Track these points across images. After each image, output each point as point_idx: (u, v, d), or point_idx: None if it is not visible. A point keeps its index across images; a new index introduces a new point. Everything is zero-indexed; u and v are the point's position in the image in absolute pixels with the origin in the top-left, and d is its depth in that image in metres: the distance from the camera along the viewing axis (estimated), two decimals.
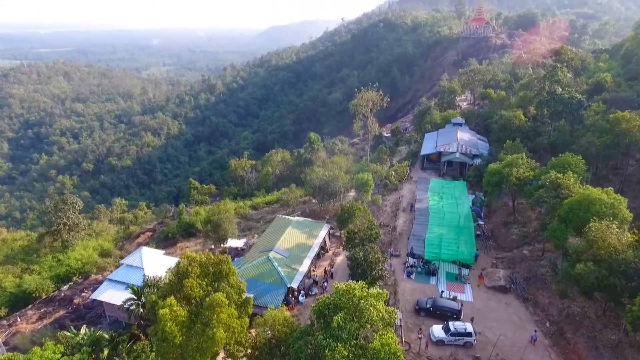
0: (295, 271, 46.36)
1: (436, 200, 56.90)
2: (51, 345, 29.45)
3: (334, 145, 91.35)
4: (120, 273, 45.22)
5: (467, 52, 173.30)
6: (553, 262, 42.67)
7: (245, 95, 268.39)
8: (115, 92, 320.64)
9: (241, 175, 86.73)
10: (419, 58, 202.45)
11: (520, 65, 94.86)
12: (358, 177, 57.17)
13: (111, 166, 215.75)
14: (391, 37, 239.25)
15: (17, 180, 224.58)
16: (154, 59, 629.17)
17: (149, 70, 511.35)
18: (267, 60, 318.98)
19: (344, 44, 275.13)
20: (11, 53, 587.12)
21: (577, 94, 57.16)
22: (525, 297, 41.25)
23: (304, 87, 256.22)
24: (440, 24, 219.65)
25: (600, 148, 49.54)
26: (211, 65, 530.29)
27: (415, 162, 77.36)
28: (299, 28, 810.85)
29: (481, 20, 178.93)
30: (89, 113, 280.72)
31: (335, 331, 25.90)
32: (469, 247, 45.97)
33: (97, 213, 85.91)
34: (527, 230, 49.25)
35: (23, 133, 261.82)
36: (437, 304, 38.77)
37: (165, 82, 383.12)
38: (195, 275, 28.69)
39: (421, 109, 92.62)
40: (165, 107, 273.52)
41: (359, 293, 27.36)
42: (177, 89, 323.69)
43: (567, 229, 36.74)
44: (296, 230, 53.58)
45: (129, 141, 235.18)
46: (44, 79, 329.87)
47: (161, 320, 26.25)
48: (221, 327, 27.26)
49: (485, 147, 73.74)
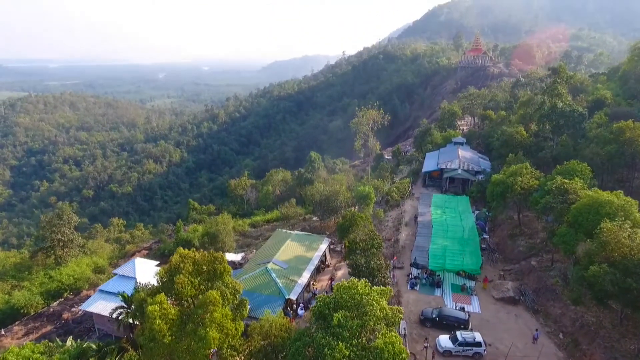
0: (294, 283, 44.53)
1: (439, 214, 55.59)
2: (30, 344, 27.60)
3: (334, 165, 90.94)
4: (112, 284, 43.40)
5: (465, 80, 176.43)
6: (563, 272, 40.92)
7: (247, 124, 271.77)
8: (119, 121, 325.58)
9: (241, 194, 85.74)
10: (419, 87, 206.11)
11: (519, 86, 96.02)
12: (359, 189, 56.23)
13: (111, 193, 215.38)
14: (391, 67, 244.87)
15: (17, 207, 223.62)
16: (159, 91, 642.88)
17: (153, 102, 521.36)
18: (270, 91, 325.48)
19: (345, 75, 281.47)
20: (20, 86, 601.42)
21: (578, 107, 57.13)
22: (535, 309, 39.21)
23: (306, 116, 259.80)
24: (438, 55, 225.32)
25: (605, 158, 48.76)
26: (214, 97, 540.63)
27: (416, 180, 76.50)
28: (300, 63, 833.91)
29: (478, 50, 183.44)
30: (92, 141, 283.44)
31: (336, 329, 24.22)
32: (474, 257, 44.33)
33: (94, 232, 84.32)
34: (534, 241, 47.67)
35: (26, 161, 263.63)
36: (443, 314, 36.76)
37: (169, 113, 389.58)
38: (187, 272, 27.21)
39: (422, 130, 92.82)
40: (167, 136, 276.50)
41: (361, 290, 25.86)
42: (181, 119, 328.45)
43: (576, 233, 35.37)
44: (295, 243, 52.05)
45: (130, 168, 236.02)
46: (50, 108, 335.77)
47: (149, 317, 24.60)
48: (214, 327, 25.56)
49: (487, 165, 73.15)
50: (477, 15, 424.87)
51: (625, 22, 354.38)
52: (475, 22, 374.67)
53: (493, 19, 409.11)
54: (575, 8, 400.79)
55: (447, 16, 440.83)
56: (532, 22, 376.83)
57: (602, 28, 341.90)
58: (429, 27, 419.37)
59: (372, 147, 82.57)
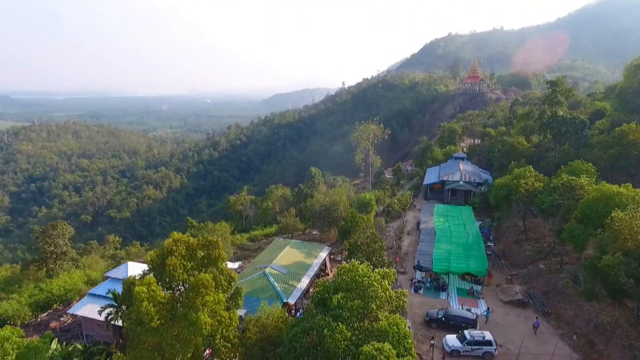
0: (293, 287, 42.75)
1: (442, 222, 54.30)
2: (9, 327, 25.89)
3: (335, 181, 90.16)
4: (103, 287, 41.60)
5: (463, 106, 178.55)
6: (573, 273, 39.26)
7: (248, 151, 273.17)
8: (121, 149, 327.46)
9: (240, 210, 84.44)
10: (418, 113, 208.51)
11: (518, 105, 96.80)
12: (360, 196, 55.17)
13: (110, 218, 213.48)
14: (390, 95, 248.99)
15: (13, 233, 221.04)
16: (161, 122, 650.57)
17: (156, 132, 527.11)
18: (271, 119, 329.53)
19: (345, 103, 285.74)
20: (24, 116, 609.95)
21: (579, 115, 57.02)
22: (545, 311, 37.32)
23: (306, 143, 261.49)
24: (436, 82, 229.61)
25: (609, 162, 48.04)
26: (216, 128, 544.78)
27: (418, 193, 75.50)
28: (301, 95, 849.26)
29: (476, 77, 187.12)
30: (93, 168, 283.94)
31: (336, 311, 22.69)
32: (480, 260, 42.72)
33: (89, 249, 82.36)
34: (541, 245, 46.18)
35: (26, 187, 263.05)
36: (450, 314, 34.91)
37: (171, 141, 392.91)
38: (180, 255, 25.86)
39: (422, 147, 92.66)
40: (168, 163, 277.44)
41: (362, 271, 24.46)
42: (182, 147, 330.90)
43: (586, 228, 34.12)
44: (295, 250, 50.51)
45: (130, 194, 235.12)
46: (53, 136, 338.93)
47: (136, 299, 23.06)
48: (206, 311, 23.96)
49: (488, 177, 72.42)
50: (473, 49, 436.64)
51: (618, 55, 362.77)
52: (472, 55, 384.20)
53: (489, 52, 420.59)
54: (568, 40, 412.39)
55: (444, 49, 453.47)
56: (526, 54, 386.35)
57: (595, 60, 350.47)
58: (426, 60, 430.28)
59: (373, 161, 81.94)
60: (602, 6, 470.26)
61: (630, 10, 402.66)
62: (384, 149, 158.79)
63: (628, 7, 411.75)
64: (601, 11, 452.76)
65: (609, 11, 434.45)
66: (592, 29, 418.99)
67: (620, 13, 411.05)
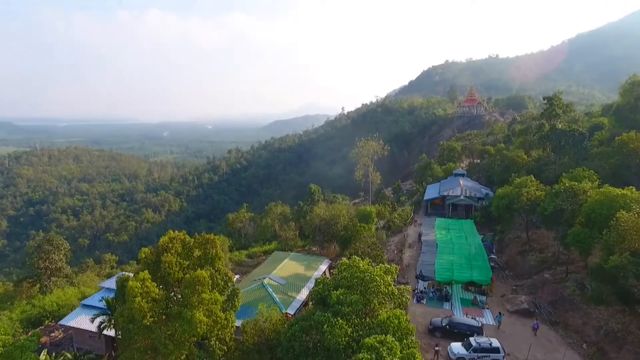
0: (292, 298, 41.50)
1: (443, 234, 53.48)
2: None
3: (335, 198, 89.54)
4: (97, 297, 40.38)
5: (462, 128, 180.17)
6: (580, 281, 38.25)
7: (248, 175, 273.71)
8: (121, 173, 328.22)
9: (238, 228, 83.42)
10: (417, 136, 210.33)
11: (516, 123, 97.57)
12: (361, 208, 54.56)
13: (107, 242, 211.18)
14: (389, 119, 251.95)
15: (9, 257, 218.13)
16: (162, 148, 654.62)
17: (156, 157, 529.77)
18: (271, 144, 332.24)
19: (344, 127, 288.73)
20: (27, 142, 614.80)
21: (578, 127, 57.26)
22: (553, 321, 36.10)
23: (306, 166, 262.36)
24: (434, 106, 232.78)
25: (610, 172, 47.79)
26: (217, 153, 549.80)
27: (418, 209, 74.90)
28: (301, 122, 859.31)
29: (473, 100, 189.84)
30: (93, 192, 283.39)
31: (336, 307, 21.85)
32: (483, 270, 41.74)
33: (85, 267, 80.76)
34: (545, 255, 45.27)
35: (24, 211, 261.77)
36: (454, 322, 33.73)
37: (171, 166, 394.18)
38: (175, 253, 25.16)
39: (421, 165, 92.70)
40: (168, 186, 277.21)
41: (363, 267, 23.73)
42: (182, 171, 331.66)
43: (591, 231, 33.48)
44: (294, 262, 49.49)
45: (128, 217, 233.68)
46: (54, 161, 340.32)
47: (129, 295, 22.22)
48: (202, 310, 23.09)
49: (489, 192, 71.99)
50: (469, 76, 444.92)
51: (611, 81, 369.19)
52: (468, 81, 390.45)
53: (485, 78, 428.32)
54: (562, 68, 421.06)
55: (441, 76, 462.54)
56: (522, 80, 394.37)
57: (589, 85, 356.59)
58: (424, 86, 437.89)
59: (373, 178, 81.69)
60: (594, 35, 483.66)
61: (621, 39, 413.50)
62: (384, 171, 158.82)
63: (619, 36, 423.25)
64: (593, 40, 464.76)
65: (601, 40, 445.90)
66: (585, 56, 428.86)
67: (612, 42, 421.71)
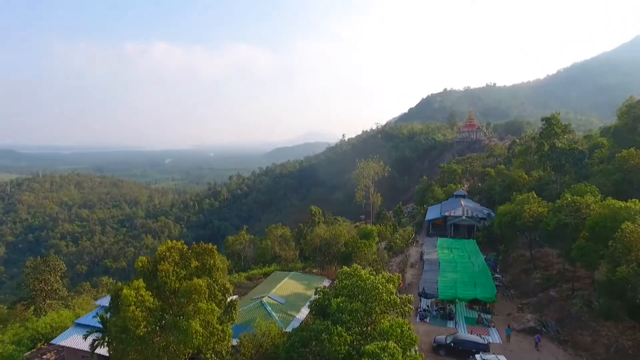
0: (292, 317, 40.38)
1: (446, 253, 52.69)
2: None
3: (335, 220, 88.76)
4: (91, 315, 39.32)
5: (462, 153, 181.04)
6: (587, 298, 37.23)
7: (248, 200, 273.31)
8: (122, 199, 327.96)
9: (238, 250, 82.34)
10: (417, 161, 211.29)
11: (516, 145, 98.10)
12: (362, 227, 53.97)
13: (105, 268, 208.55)
14: (389, 144, 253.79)
15: (5, 284, 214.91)
16: (164, 175, 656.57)
17: (158, 184, 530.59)
18: (272, 170, 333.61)
19: (345, 153, 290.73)
20: (30, 169, 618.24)
21: (577, 146, 57.45)
22: (561, 339, 34.89)
23: (307, 192, 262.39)
24: (434, 132, 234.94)
25: (612, 189, 47.51)
26: (218, 180, 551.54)
27: (420, 230, 74.17)
28: (302, 149, 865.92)
29: (473, 126, 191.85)
30: (93, 218, 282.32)
31: (336, 315, 21.18)
32: (488, 287, 40.79)
33: (81, 290, 79.16)
34: (550, 273, 44.35)
35: (23, 237, 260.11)
36: (459, 339, 32.60)
37: (172, 192, 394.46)
38: (172, 261, 24.67)
39: (422, 187, 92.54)
40: (169, 212, 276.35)
41: (365, 275, 23.17)
42: (183, 197, 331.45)
43: (595, 244, 32.91)
44: (294, 281, 48.56)
45: (127, 243, 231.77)
46: (56, 187, 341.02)
47: (123, 303, 21.62)
48: (198, 320, 22.40)
49: (491, 212, 71.50)
50: (468, 103, 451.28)
51: (607, 108, 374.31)
52: (467, 109, 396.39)
53: (483, 106, 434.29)
54: (558, 96, 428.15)
55: (440, 104, 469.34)
56: (519, 108, 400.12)
57: (586, 113, 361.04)
58: (423, 113, 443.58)
59: (374, 200, 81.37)
60: (589, 65, 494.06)
61: (616, 68, 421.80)
62: (385, 195, 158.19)
63: (614, 65, 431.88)
64: (588, 69, 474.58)
65: (596, 69, 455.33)
66: (580, 85, 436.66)
67: (606, 71, 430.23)
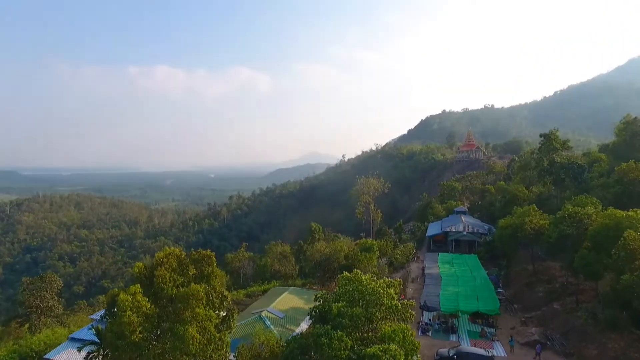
0: (291, 332, 39.49)
1: (447, 268, 52.05)
2: None
3: (335, 237, 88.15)
4: (86, 329, 38.56)
5: (461, 172, 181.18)
6: (591, 310, 36.56)
7: (248, 220, 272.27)
8: (122, 219, 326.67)
9: (237, 267, 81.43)
10: (417, 181, 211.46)
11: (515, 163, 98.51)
12: (362, 241, 53.59)
13: (103, 289, 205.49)
14: (389, 164, 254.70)
15: (1, 306, 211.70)
16: (164, 196, 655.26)
17: (158, 205, 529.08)
18: (272, 190, 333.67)
19: (345, 172, 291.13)
20: (30, 190, 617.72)
21: (576, 160, 57.62)
22: (566, 352, 34.06)
23: (307, 211, 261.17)
24: (434, 152, 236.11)
25: (613, 201, 47.41)
26: (219, 201, 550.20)
27: (421, 246, 73.57)
28: (303, 170, 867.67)
29: (472, 145, 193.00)
30: (92, 238, 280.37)
31: (336, 320, 20.78)
32: (490, 300, 40.14)
33: (77, 308, 77.94)
34: (553, 286, 43.73)
35: (21, 258, 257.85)
36: (463, 351, 31.86)
37: (172, 212, 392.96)
38: (170, 268, 24.34)
39: (423, 204, 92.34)
40: (168, 232, 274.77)
41: (365, 280, 22.86)
42: (183, 217, 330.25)
43: (598, 254, 32.58)
44: (293, 296, 47.94)
45: (125, 264, 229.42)
46: (55, 208, 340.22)
47: (119, 308, 21.26)
48: (195, 326, 21.96)
49: (492, 227, 71.10)
50: (466, 124, 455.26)
51: (605, 128, 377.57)
52: (466, 129, 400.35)
53: (481, 127, 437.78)
54: (556, 116, 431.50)
55: (439, 125, 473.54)
56: (517, 128, 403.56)
57: (584, 133, 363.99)
58: (422, 134, 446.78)
59: (374, 216, 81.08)
60: (585, 87, 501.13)
61: (612, 90, 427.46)
62: (385, 214, 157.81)
63: (610, 87, 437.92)
64: (584, 91, 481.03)
65: (592, 91, 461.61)
66: (577, 106, 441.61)
67: (602, 93, 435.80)
